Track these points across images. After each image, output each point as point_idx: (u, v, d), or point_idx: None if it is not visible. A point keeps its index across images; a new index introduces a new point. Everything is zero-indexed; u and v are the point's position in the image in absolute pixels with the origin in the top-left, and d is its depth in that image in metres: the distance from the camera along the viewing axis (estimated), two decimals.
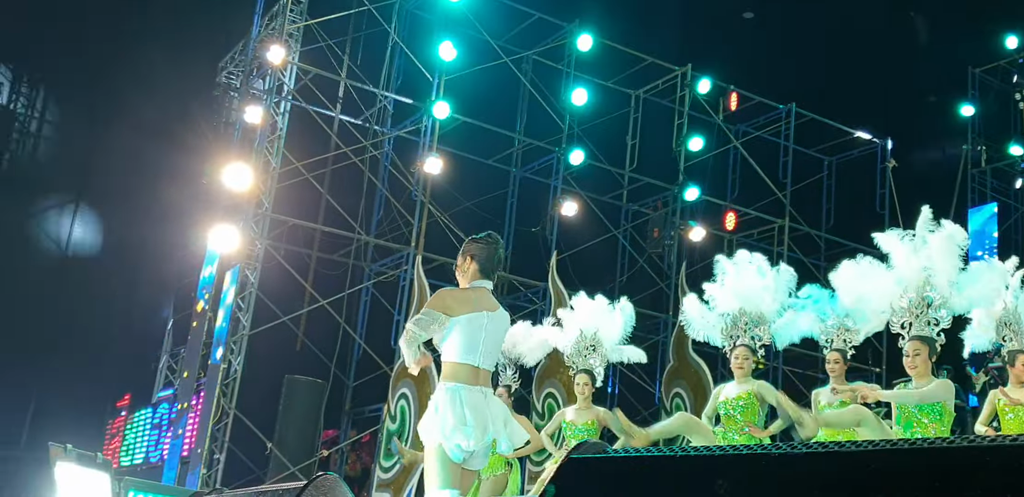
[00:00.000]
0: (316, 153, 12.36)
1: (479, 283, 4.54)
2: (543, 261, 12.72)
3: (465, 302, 4.38)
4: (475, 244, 4.62)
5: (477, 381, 4.31)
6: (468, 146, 13.52)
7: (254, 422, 11.11)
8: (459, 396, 4.23)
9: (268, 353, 11.79)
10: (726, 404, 6.53)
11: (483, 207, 13.70)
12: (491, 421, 4.24)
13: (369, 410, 12.64)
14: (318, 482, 2.35)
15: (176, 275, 14.24)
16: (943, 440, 1.42)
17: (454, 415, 4.15)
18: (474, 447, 4.15)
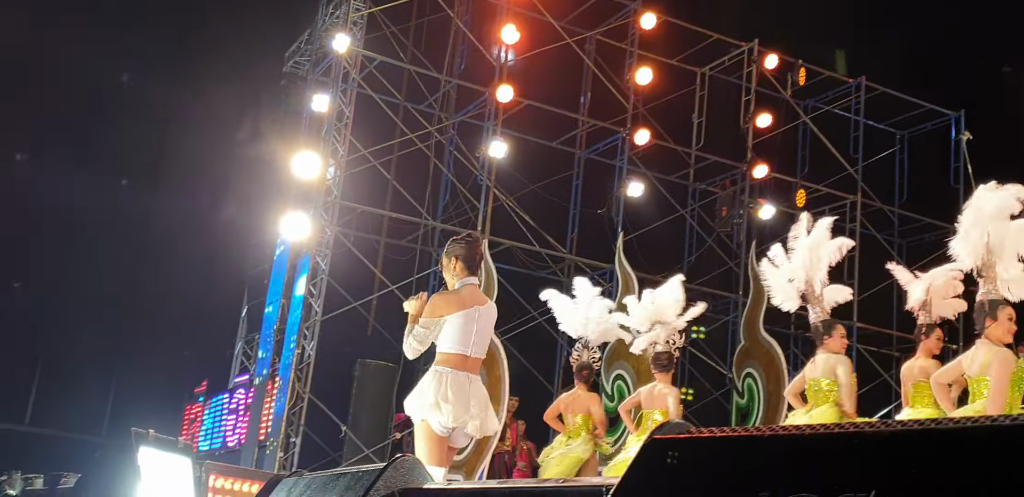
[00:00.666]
0: (382, 140, 12.42)
1: (467, 280, 4.95)
2: (609, 243, 12.65)
3: (456, 302, 4.82)
4: (457, 245, 4.98)
5: (464, 367, 4.79)
6: (532, 129, 13.47)
7: (328, 406, 11.26)
8: (445, 378, 4.70)
9: (340, 338, 11.92)
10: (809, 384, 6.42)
11: (548, 190, 13.66)
12: (472, 404, 4.70)
13: None
14: (397, 463, 2.36)
15: (250, 263, 14.47)
16: None
17: (436, 394, 4.63)
18: (452, 423, 4.63)
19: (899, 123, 16.01)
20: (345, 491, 2.56)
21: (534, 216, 12.79)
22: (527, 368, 11.87)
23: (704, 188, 14.81)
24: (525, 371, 11.75)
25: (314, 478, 2.97)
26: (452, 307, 4.80)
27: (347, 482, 2.62)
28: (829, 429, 1.41)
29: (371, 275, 12.45)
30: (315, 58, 13.19)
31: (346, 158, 11.85)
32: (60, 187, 14.78)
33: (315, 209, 11.61)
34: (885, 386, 12.90)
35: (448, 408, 4.64)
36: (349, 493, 2.53)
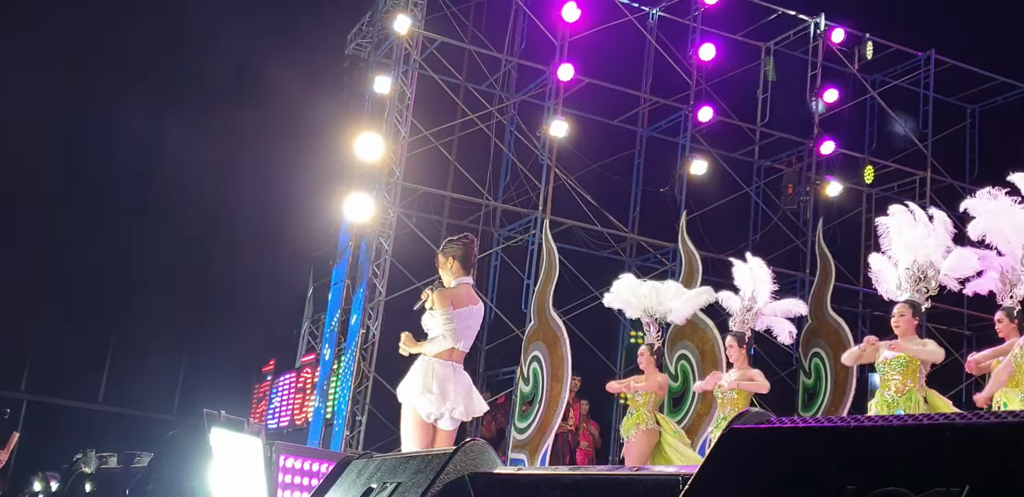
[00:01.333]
0: (443, 121, 12.43)
1: (463, 279, 5.39)
2: (672, 222, 12.54)
3: (459, 299, 5.29)
4: (454, 245, 5.40)
5: (451, 358, 5.30)
6: (593, 107, 13.37)
7: (393, 385, 11.28)
8: (432, 368, 5.23)
9: (405, 318, 11.97)
10: (884, 364, 6.28)
11: (609, 169, 13.56)
12: (454, 391, 5.23)
13: (502, 372, 12.77)
14: (467, 447, 2.35)
15: (315, 245, 14.63)
16: None
17: (423, 383, 5.19)
18: (435, 411, 5.18)
19: (970, 97, 15.58)
20: (415, 474, 2.56)
21: (596, 195, 12.72)
22: (590, 348, 11.84)
23: (769, 165, 14.58)
24: (588, 351, 11.72)
25: (384, 460, 2.98)
26: (457, 301, 5.26)
27: (417, 465, 2.62)
28: (918, 420, 1.36)
29: (433, 255, 12.44)
30: (376, 40, 13.22)
31: (408, 139, 11.89)
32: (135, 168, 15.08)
33: (378, 191, 11.68)
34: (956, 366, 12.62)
35: (432, 398, 5.16)
36: (419, 476, 2.53)
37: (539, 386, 10.40)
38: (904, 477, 1.28)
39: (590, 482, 1.93)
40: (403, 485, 2.59)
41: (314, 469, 5.03)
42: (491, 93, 13.36)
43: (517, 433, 10.47)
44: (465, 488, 2.45)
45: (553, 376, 10.25)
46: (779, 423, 1.53)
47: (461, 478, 2.47)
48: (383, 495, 2.68)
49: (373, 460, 3.14)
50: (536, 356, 10.65)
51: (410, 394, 5.27)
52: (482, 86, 13.29)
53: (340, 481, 3.26)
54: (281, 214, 14.52)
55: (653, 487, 1.74)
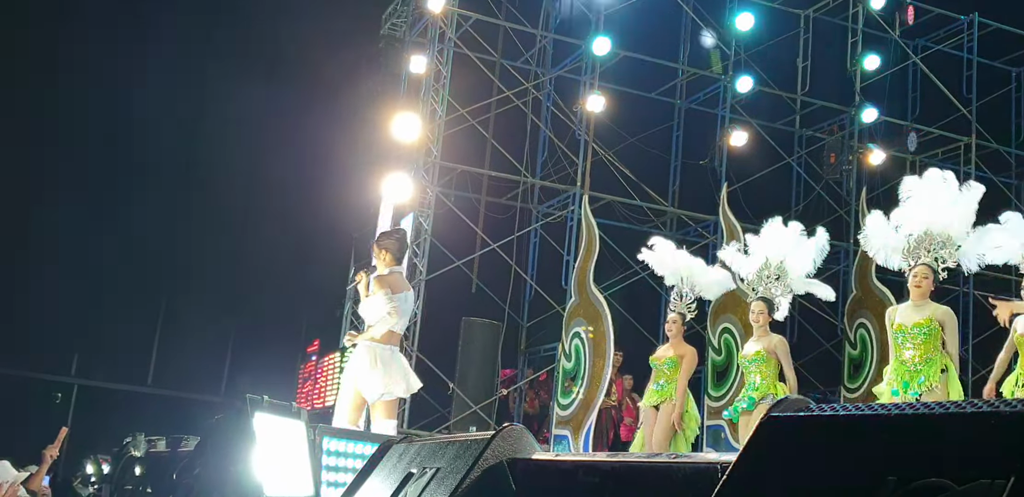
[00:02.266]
0: (479, 98, 12.40)
1: (396, 268, 5.98)
2: (713, 194, 12.42)
3: (396, 285, 5.87)
4: (389, 240, 6.01)
5: (390, 341, 5.87)
6: (630, 81, 13.25)
7: (435, 363, 11.43)
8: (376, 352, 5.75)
9: (444, 297, 12.06)
10: (902, 330, 6.04)
11: (648, 142, 13.45)
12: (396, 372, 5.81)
13: (544, 349, 12.79)
14: (504, 432, 2.34)
15: (355, 224, 14.70)
16: None
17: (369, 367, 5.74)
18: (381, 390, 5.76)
19: (1015, 60, 15.22)
20: (454, 460, 2.55)
21: (634, 169, 12.63)
22: (631, 323, 11.80)
23: (811, 134, 14.37)
24: (629, 326, 11.69)
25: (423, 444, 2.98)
26: (403, 285, 5.90)
27: (456, 450, 2.62)
28: (962, 408, 1.31)
29: (472, 234, 12.52)
30: (411, 20, 13.19)
31: (444, 118, 11.88)
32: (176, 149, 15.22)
33: (416, 170, 11.69)
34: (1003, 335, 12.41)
35: (377, 379, 5.72)
36: (458, 462, 2.53)
37: (582, 362, 10.39)
38: (947, 468, 1.25)
39: (628, 469, 1.91)
40: (442, 470, 2.58)
41: (357, 451, 5.06)
42: (527, 69, 13.28)
43: (560, 409, 10.48)
44: (504, 473, 2.44)
45: (595, 352, 10.23)
46: (819, 411, 1.49)
47: (499, 464, 2.46)
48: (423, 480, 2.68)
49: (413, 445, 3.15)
50: (577, 332, 10.63)
51: (358, 378, 5.77)
52: (517, 62, 13.21)
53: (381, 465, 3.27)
54: (321, 195, 14.59)
55: (692, 475, 1.72)
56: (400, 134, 11.55)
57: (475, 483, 2.37)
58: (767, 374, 7.19)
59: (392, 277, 5.91)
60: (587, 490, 2.06)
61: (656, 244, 8.47)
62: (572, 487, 2.13)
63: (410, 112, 11.68)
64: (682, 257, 8.39)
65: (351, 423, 5.86)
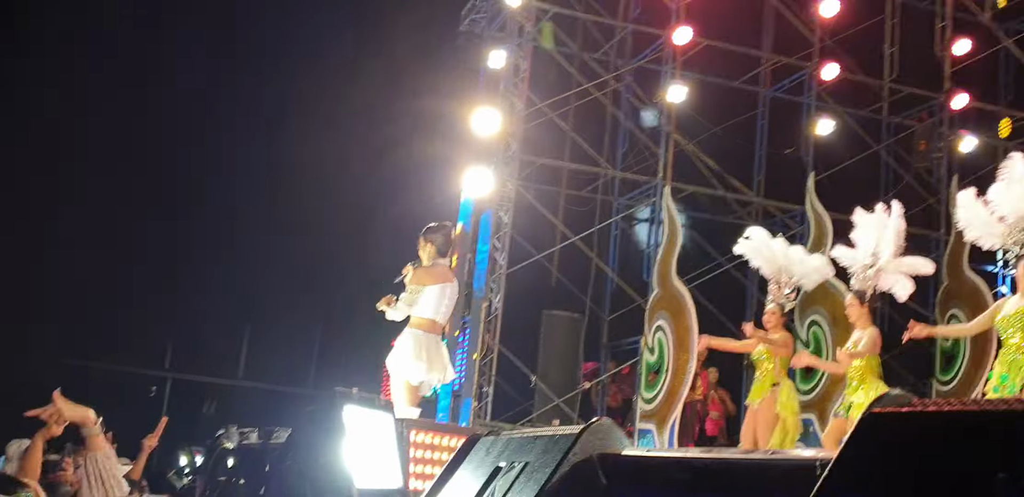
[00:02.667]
0: (559, 92, 12.36)
1: (439, 261, 6.27)
2: (799, 184, 12.19)
3: (436, 276, 6.16)
4: (434, 233, 6.29)
5: (433, 330, 6.12)
6: (712, 69, 13.05)
7: (517, 356, 11.46)
8: (419, 339, 6.00)
9: (525, 290, 12.07)
10: (1004, 320, 5.81)
11: (731, 132, 13.23)
12: (437, 361, 6.01)
13: (627, 343, 12.72)
14: (594, 427, 2.32)
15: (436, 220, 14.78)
16: None
17: (413, 353, 5.96)
18: (423, 376, 5.97)
19: None
20: (543, 454, 2.54)
21: (718, 160, 12.47)
22: (715, 316, 11.66)
23: (899, 122, 13.99)
24: (714, 319, 11.55)
25: (511, 438, 2.98)
26: (434, 279, 6.10)
27: (544, 445, 2.61)
28: None
29: (553, 227, 12.50)
30: (490, 14, 13.21)
31: (524, 112, 11.88)
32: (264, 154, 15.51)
33: (495, 164, 11.72)
34: None
35: (421, 366, 5.95)
36: (546, 456, 2.52)
37: (665, 356, 10.29)
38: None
39: (722, 466, 1.87)
40: (531, 465, 2.58)
41: (443, 443, 5.10)
42: (606, 61, 13.20)
43: (644, 403, 10.41)
44: (593, 469, 2.43)
45: (679, 345, 10.12)
46: (921, 407, 1.44)
47: (589, 458, 2.45)
48: (511, 474, 2.67)
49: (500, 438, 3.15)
50: (660, 325, 10.54)
51: (401, 366, 6.02)
52: (597, 54, 13.14)
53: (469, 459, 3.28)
54: (402, 192, 14.72)
55: (790, 472, 1.68)
56: (479, 129, 11.59)
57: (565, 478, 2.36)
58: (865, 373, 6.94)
59: (435, 269, 6.21)
60: (680, 487, 2.04)
61: (752, 234, 8.31)
62: (664, 483, 2.11)
63: (489, 107, 11.71)
64: (779, 246, 8.21)
65: (412, 404, 6.08)
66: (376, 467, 4.56)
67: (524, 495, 2.38)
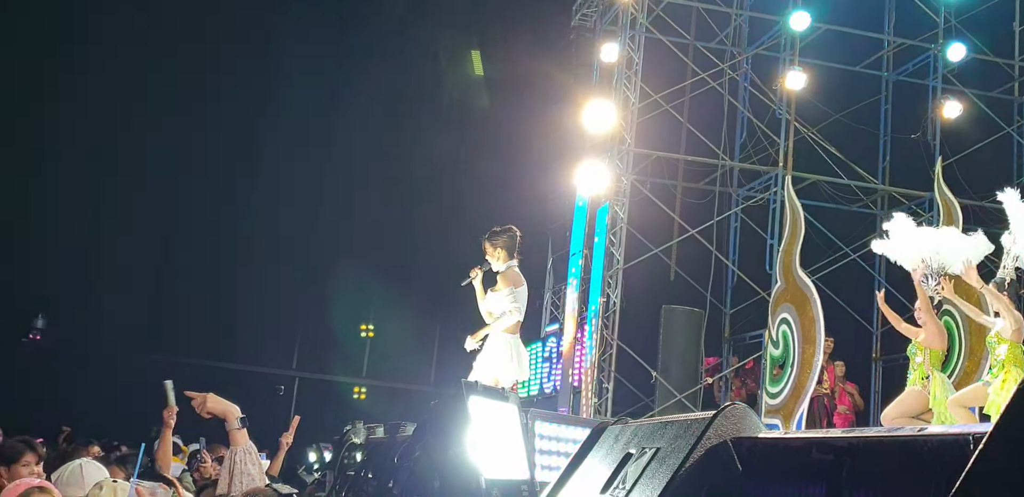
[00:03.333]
0: (673, 83, 12.22)
1: (511, 263, 6.37)
2: (927, 169, 11.77)
3: (517, 280, 6.30)
4: (502, 237, 6.40)
5: (517, 331, 6.37)
6: (832, 55, 12.72)
7: (637, 352, 11.36)
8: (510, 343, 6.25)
9: (643, 285, 11.97)
10: None
11: (854, 118, 12.86)
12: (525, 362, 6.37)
13: (750, 336, 12.49)
14: (727, 411, 2.27)
15: (551, 216, 14.81)
16: None
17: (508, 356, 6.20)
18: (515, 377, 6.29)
19: None
20: (675, 440, 2.50)
21: (840, 147, 12.12)
22: (842, 307, 11.35)
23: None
24: (840, 310, 11.24)
25: (640, 426, 2.93)
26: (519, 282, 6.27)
27: (675, 430, 2.56)
28: None
29: (670, 221, 12.36)
30: (602, 8, 13.17)
31: (637, 105, 11.77)
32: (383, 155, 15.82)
33: (610, 159, 11.65)
34: None
35: (513, 368, 6.17)
36: (679, 441, 2.47)
37: (790, 349, 10.07)
38: None
39: (867, 444, 1.80)
40: (663, 450, 2.53)
41: (568, 435, 5.09)
42: (722, 50, 13.00)
43: (769, 398, 10.20)
44: (728, 453, 2.36)
45: (804, 338, 9.89)
46: None
47: (723, 443, 2.39)
48: (643, 460, 2.63)
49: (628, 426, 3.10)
50: (785, 318, 10.31)
51: (494, 367, 6.18)
52: (712, 43, 12.95)
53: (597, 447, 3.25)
54: (517, 189, 14.79)
55: (939, 448, 1.60)
56: (593, 124, 11.53)
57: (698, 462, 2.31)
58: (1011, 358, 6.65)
59: (512, 272, 6.34)
60: (821, 469, 1.96)
61: (892, 229, 7.92)
62: (804, 466, 2.04)
63: (603, 101, 11.65)
64: (927, 234, 7.84)
65: None
66: (503, 458, 4.56)
67: (657, 481, 2.34)
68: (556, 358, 13.24)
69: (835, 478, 1.92)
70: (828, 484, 1.94)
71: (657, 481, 2.41)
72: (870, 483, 1.80)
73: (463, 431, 4.46)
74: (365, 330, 17.36)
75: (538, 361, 14.07)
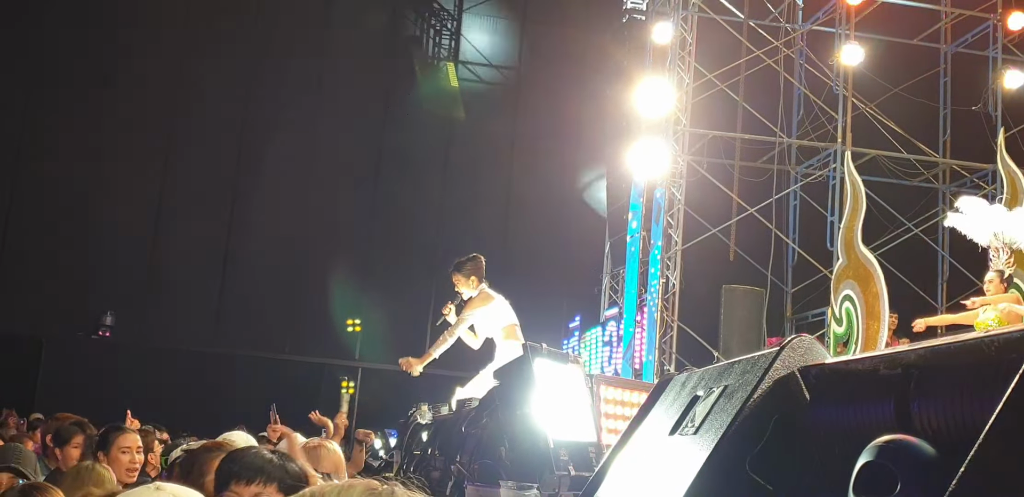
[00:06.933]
0: (727, 62, 12.18)
1: (483, 286, 6.61)
2: (989, 141, 11.59)
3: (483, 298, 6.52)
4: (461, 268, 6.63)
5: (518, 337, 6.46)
6: (889, 28, 12.56)
7: (697, 332, 11.35)
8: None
9: (703, 266, 11.94)
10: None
11: (912, 91, 12.70)
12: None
13: (812, 315, 12.40)
14: (793, 344, 2.31)
15: (608, 199, 14.82)
16: None
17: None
18: None
19: None
20: (742, 375, 2.55)
21: (899, 121, 11.97)
22: (905, 283, 11.22)
23: None
24: (903, 286, 11.12)
25: (706, 370, 2.99)
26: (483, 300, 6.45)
27: (743, 367, 2.61)
28: None
29: (728, 200, 12.31)
30: None
31: (692, 85, 11.74)
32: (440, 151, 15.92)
33: (666, 140, 11.63)
34: None
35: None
36: (747, 376, 2.52)
37: (854, 326, 9.98)
38: None
39: (934, 354, 1.83)
40: (730, 387, 2.58)
41: (633, 400, 5.14)
42: (776, 27, 12.90)
43: None
44: (796, 382, 2.41)
45: (868, 314, 9.80)
46: None
47: (791, 373, 2.43)
48: (710, 399, 2.68)
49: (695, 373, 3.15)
50: (848, 295, 10.22)
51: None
52: (766, 21, 12.86)
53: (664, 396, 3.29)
54: (574, 172, 14.82)
55: (1004, 345, 1.63)
56: (648, 106, 11.53)
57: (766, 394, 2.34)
58: None
59: (480, 295, 6.53)
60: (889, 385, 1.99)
61: (963, 206, 7.86)
62: (871, 384, 2.06)
63: (657, 82, 11.63)
64: (997, 212, 7.78)
65: None
66: (569, 420, 4.63)
67: (725, 414, 2.39)
68: (616, 342, 13.26)
69: (903, 392, 1.94)
70: (896, 399, 1.96)
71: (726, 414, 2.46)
72: (938, 392, 1.82)
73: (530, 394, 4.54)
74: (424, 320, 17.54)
75: (598, 345, 14.10)
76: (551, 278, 15.63)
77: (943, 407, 1.75)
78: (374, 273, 16.11)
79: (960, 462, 1.33)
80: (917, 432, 1.82)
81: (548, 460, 4.26)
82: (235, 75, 15.77)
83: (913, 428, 1.82)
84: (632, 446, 3.05)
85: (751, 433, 2.30)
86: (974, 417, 1.63)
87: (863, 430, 1.99)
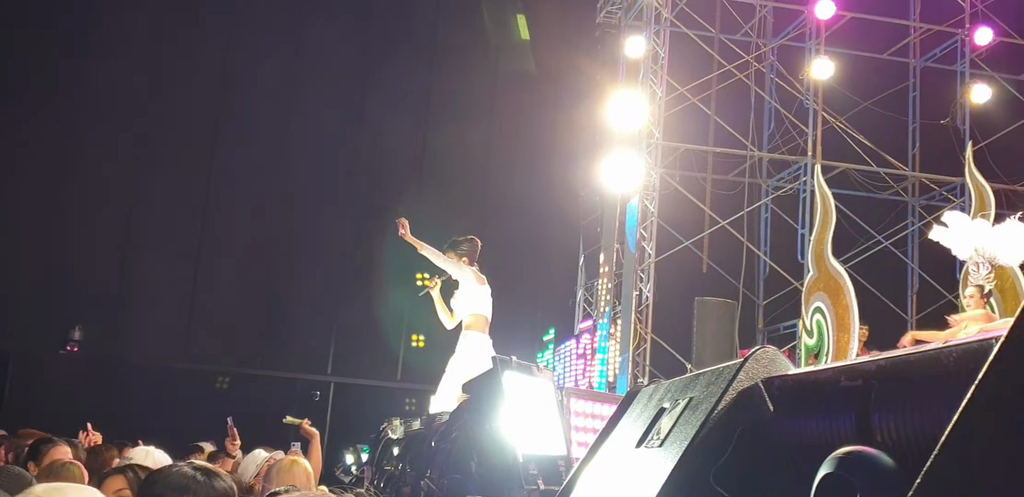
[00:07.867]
0: (699, 76, 12.25)
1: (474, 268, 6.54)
2: (957, 155, 11.71)
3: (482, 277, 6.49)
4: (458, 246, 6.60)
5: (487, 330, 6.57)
6: (858, 43, 12.69)
7: (671, 345, 11.36)
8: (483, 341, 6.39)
9: (676, 278, 11.96)
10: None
11: (882, 105, 12.80)
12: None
13: (784, 327, 12.45)
14: (756, 355, 2.31)
15: (581, 213, 14.84)
16: None
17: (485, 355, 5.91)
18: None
19: None
20: (707, 387, 2.55)
21: (869, 135, 12.08)
22: (875, 295, 11.29)
23: None
24: (873, 298, 11.19)
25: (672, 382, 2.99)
26: (482, 280, 6.40)
27: (708, 379, 2.61)
28: None
29: (700, 213, 12.36)
30: (626, 4, 13.22)
31: (664, 99, 11.80)
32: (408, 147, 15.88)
33: (639, 153, 11.68)
34: None
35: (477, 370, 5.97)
36: (711, 388, 2.52)
37: (825, 338, 10.04)
38: None
39: (894, 365, 1.83)
40: (695, 399, 2.58)
41: (603, 412, 5.12)
42: (747, 41, 13.00)
43: None
44: (759, 393, 2.40)
45: (839, 326, 9.86)
46: None
47: (754, 385, 2.43)
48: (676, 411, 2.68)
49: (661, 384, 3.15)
50: (819, 307, 10.28)
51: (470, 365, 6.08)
52: (737, 35, 12.96)
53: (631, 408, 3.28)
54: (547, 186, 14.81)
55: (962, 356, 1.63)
56: (621, 119, 11.58)
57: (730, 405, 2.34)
58: None
59: (473, 273, 6.46)
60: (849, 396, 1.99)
61: (949, 220, 7.91)
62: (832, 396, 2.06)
63: (630, 96, 11.69)
64: (980, 227, 7.84)
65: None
66: (539, 434, 4.60)
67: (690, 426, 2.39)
68: (590, 355, 13.25)
69: (863, 403, 1.94)
70: (857, 410, 1.96)
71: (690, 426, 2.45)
72: (898, 403, 1.82)
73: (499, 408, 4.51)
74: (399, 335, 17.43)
75: (572, 358, 14.08)
76: (525, 291, 15.59)
77: (902, 418, 1.74)
78: (346, 287, 16.03)
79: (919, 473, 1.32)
80: (878, 443, 1.81)
81: (517, 474, 4.23)
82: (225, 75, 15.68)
83: (873, 439, 1.82)
84: (599, 459, 3.03)
85: (715, 445, 2.29)
86: (932, 428, 1.63)
87: (825, 441, 1.99)
